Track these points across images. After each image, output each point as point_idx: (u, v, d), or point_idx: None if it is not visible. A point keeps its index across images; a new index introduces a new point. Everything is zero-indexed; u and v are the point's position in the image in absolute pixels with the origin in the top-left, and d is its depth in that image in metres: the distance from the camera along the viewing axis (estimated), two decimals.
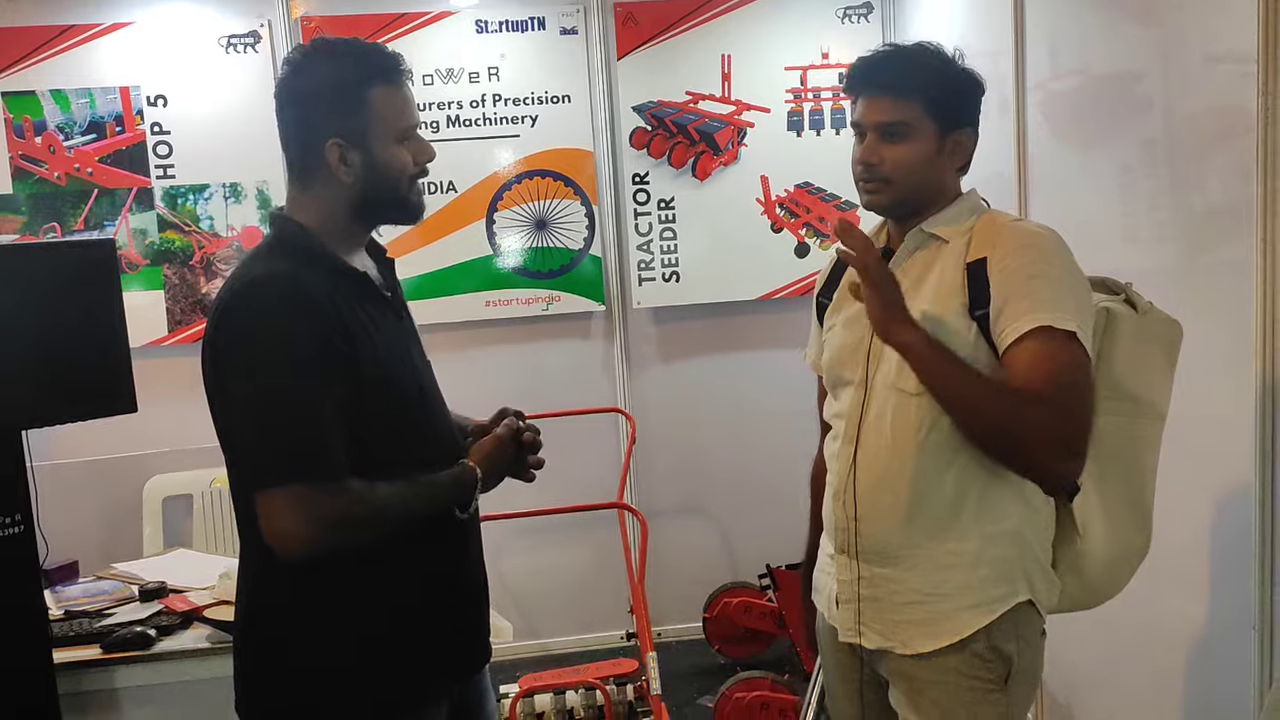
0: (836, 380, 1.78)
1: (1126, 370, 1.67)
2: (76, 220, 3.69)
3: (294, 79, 1.58)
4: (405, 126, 1.60)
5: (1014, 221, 1.67)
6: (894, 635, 1.69)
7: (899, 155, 1.64)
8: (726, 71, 3.91)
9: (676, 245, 3.95)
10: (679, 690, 3.63)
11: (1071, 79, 2.84)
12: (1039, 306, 1.53)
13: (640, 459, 4.01)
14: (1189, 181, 2.35)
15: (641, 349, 4.04)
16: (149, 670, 2.24)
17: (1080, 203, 2.75)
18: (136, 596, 2.51)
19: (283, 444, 1.46)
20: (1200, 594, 2.34)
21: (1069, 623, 2.46)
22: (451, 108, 3.82)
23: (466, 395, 3.74)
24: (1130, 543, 1.74)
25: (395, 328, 1.65)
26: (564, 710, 3.15)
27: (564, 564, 4.05)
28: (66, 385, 1.97)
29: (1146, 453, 1.72)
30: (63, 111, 3.65)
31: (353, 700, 1.58)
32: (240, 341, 1.49)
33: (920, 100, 1.63)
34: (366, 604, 1.58)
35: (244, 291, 1.50)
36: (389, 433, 1.57)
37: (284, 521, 1.45)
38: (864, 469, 1.69)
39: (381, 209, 1.63)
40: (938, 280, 1.65)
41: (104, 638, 2.26)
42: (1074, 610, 1.82)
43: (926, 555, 1.66)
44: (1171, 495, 2.30)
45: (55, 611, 2.45)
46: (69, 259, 2.03)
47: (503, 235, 3.89)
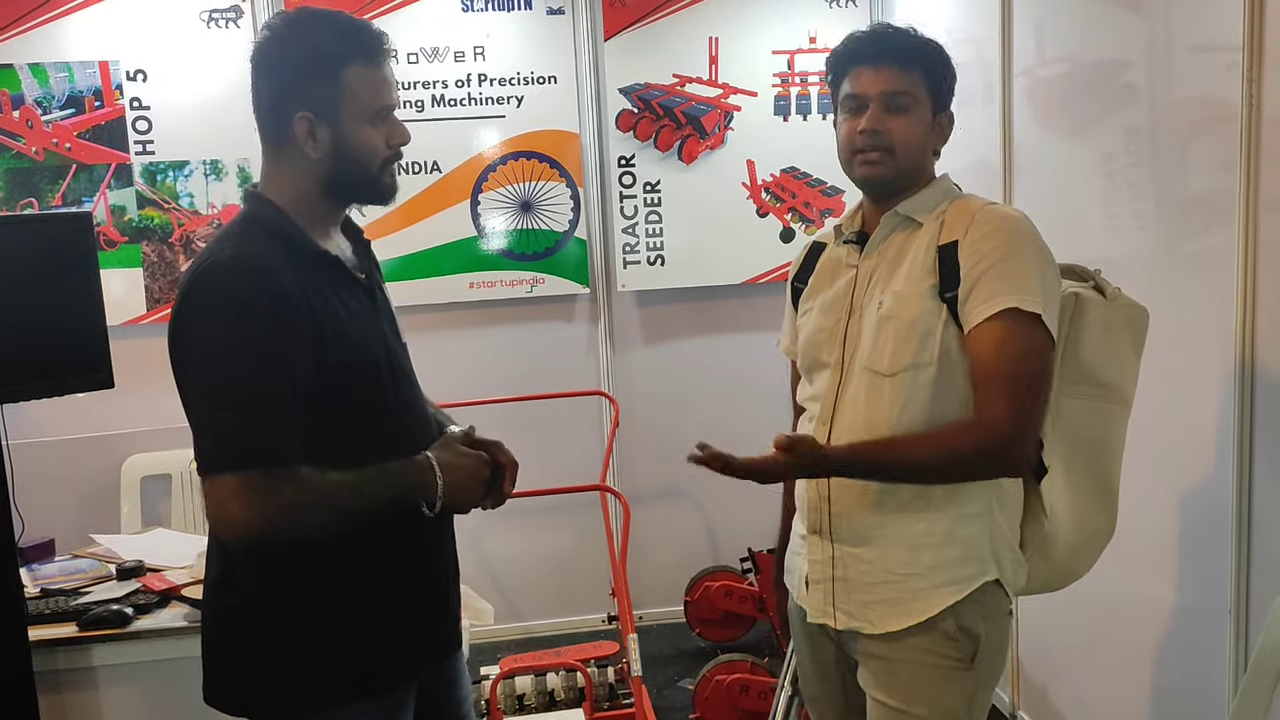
0: (813, 363, 1.78)
1: (1094, 355, 1.69)
2: (54, 196, 3.64)
3: (270, 46, 1.55)
4: (380, 107, 1.57)
5: (985, 205, 1.68)
6: (863, 615, 1.70)
7: (903, 126, 1.65)
8: (714, 54, 3.90)
9: (662, 229, 3.94)
10: (660, 673, 3.65)
11: (1057, 66, 2.84)
12: (1006, 289, 1.56)
13: (623, 442, 4.00)
14: (1172, 170, 2.36)
15: (626, 332, 4.03)
16: (126, 648, 2.22)
17: (1064, 190, 2.76)
18: (113, 575, 2.49)
19: (230, 430, 1.44)
20: (1175, 578, 2.35)
21: (1045, 604, 2.48)
22: (436, 87, 3.79)
23: (450, 377, 3.79)
24: (1096, 526, 1.76)
25: (367, 310, 1.62)
26: (545, 692, 3.15)
27: (546, 547, 4.05)
28: (43, 360, 1.95)
29: (1113, 437, 1.74)
30: (41, 85, 3.61)
31: (315, 675, 1.57)
32: (197, 325, 1.47)
33: (922, 74, 1.65)
34: (333, 582, 1.56)
35: (206, 273, 1.48)
36: (356, 417, 1.55)
37: (227, 507, 1.43)
38: None
39: (351, 189, 1.60)
40: (910, 262, 1.66)
41: (80, 616, 2.24)
42: (1041, 592, 1.84)
43: (897, 535, 1.67)
44: (1149, 481, 2.33)
45: (31, 589, 2.43)
46: (45, 233, 2.00)
47: (487, 217, 3.87)
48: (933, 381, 1.62)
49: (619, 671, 3.25)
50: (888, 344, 1.64)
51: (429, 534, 1.65)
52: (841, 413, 1.69)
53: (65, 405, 2.68)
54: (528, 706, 3.13)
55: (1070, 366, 1.68)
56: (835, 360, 1.72)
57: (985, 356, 1.57)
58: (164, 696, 2.26)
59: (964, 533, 1.66)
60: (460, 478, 1.62)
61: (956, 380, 1.62)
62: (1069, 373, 1.68)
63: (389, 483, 1.56)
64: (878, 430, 1.64)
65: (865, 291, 1.71)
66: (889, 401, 1.64)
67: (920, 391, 1.63)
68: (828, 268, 1.82)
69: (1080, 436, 1.70)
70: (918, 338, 1.62)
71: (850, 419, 1.68)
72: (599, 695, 3.11)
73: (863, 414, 1.66)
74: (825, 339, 1.75)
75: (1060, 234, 2.41)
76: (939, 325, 1.61)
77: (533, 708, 3.12)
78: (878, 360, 1.64)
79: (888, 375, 1.63)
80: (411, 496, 1.59)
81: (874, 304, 1.68)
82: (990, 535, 1.67)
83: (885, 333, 1.64)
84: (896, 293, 1.64)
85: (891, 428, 1.63)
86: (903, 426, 1.63)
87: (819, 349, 1.76)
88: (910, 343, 1.62)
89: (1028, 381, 1.56)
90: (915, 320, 1.62)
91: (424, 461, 1.59)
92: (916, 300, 1.62)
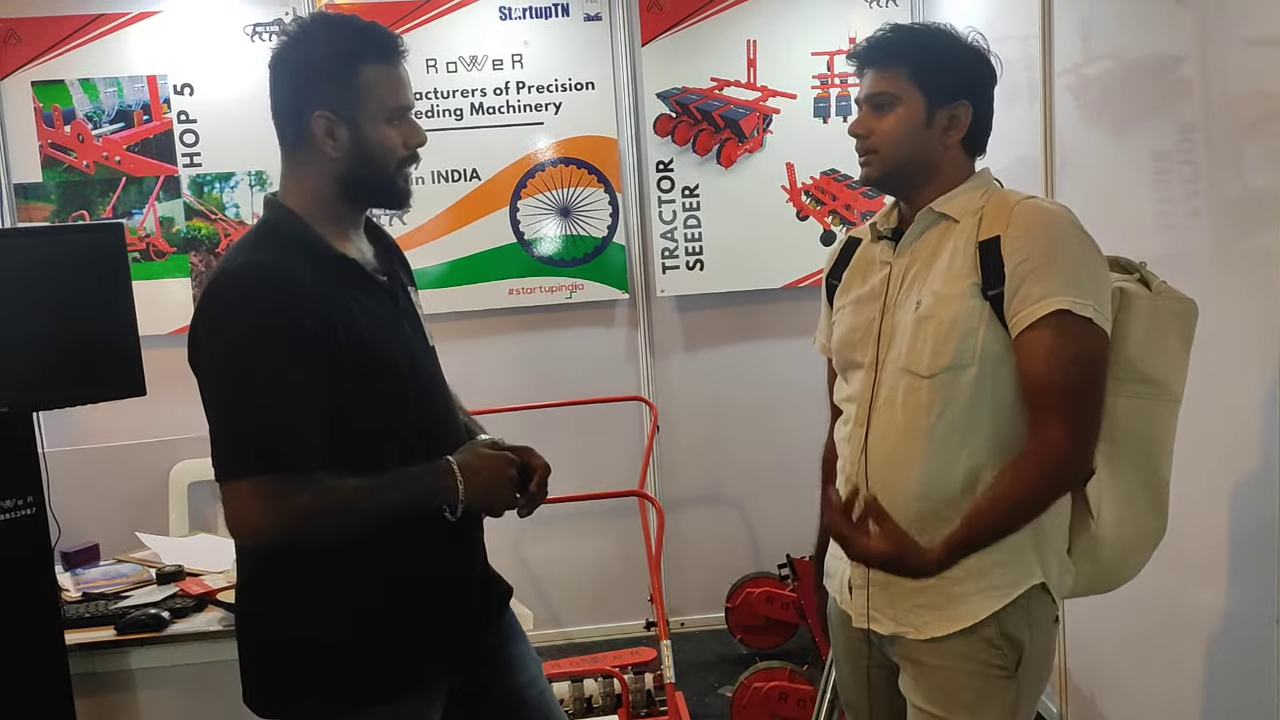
0: (847, 363, 1.75)
1: (1141, 351, 1.63)
2: (105, 208, 3.73)
3: (287, 49, 1.57)
4: (397, 107, 1.58)
5: (1026, 199, 1.63)
6: (906, 620, 1.67)
7: (885, 125, 1.64)
8: (752, 57, 3.87)
9: (701, 233, 3.92)
10: (699, 680, 3.62)
11: (1104, 62, 2.77)
12: (1055, 289, 1.52)
13: (664, 448, 4.00)
14: (1225, 167, 2.28)
15: (665, 337, 4.02)
16: (162, 652, 2.25)
17: (1111, 187, 2.68)
18: (154, 579, 2.53)
19: (246, 435, 1.46)
20: (1225, 584, 2.28)
21: (1094, 611, 2.42)
22: (475, 95, 3.81)
23: (491, 384, 3.81)
24: (1145, 526, 1.70)
25: (389, 314, 1.62)
26: (582, 698, 3.14)
27: (586, 552, 4.05)
28: (76, 368, 1.99)
29: (1162, 435, 1.68)
30: (91, 100, 3.70)
31: (339, 678, 1.58)
32: (214, 331, 1.49)
33: (906, 71, 1.63)
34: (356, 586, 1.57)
35: (223, 280, 1.50)
36: (377, 421, 1.56)
37: (244, 512, 1.45)
38: (875, 452, 1.66)
39: (369, 189, 1.61)
40: (949, 260, 1.62)
41: (119, 619, 2.28)
42: (1089, 594, 1.78)
43: (939, 539, 1.62)
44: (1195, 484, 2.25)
45: (73, 593, 2.48)
46: (79, 243, 2.04)
47: (526, 223, 3.88)
48: (973, 383, 1.58)
49: (657, 678, 3.23)
50: (927, 344, 1.60)
51: (453, 538, 1.65)
52: (878, 415, 1.66)
53: (115, 412, 2.73)
54: (565, 712, 3.12)
55: (1117, 363, 1.62)
56: (870, 360, 1.69)
57: (1037, 369, 1.53)
58: (200, 699, 2.29)
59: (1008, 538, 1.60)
60: (483, 480, 1.61)
61: (998, 381, 1.58)
62: (1116, 369, 1.62)
63: (408, 487, 1.56)
64: (915, 433, 1.61)
65: (900, 290, 1.67)
66: (927, 404, 1.60)
67: (960, 393, 1.58)
68: (861, 265, 1.79)
69: (1128, 435, 1.64)
70: (958, 338, 1.58)
71: (887, 421, 1.65)
72: (636, 702, 3.10)
73: (900, 417, 1.63)
74: (859, 338, 1.72)
75: (1106, 230, 2.34)
76: (980, 325, 1.57)
77: (570, 714, 3.11)
78: (916, 361, 1.60)
79: (926, 376, 1.59)
80: (432, 501, 1.58)
81: (911, 303, 1.64)
82: (1035, 539, 1.62)
83: (924, 332, 1.60)
84: (935, 291, 1.60)
85: (930, 430, 1.60)
86: (942, 429, 1.60)
87: (853, 348, 1.73)
88: (950, 343, 1.58)
89: (1083, 393, 1.53)
90: (955, 320, 1.58)
91: (445, 466, 1.58)
92: (957, 299, 1.58)
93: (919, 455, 1.61)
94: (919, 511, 1.63)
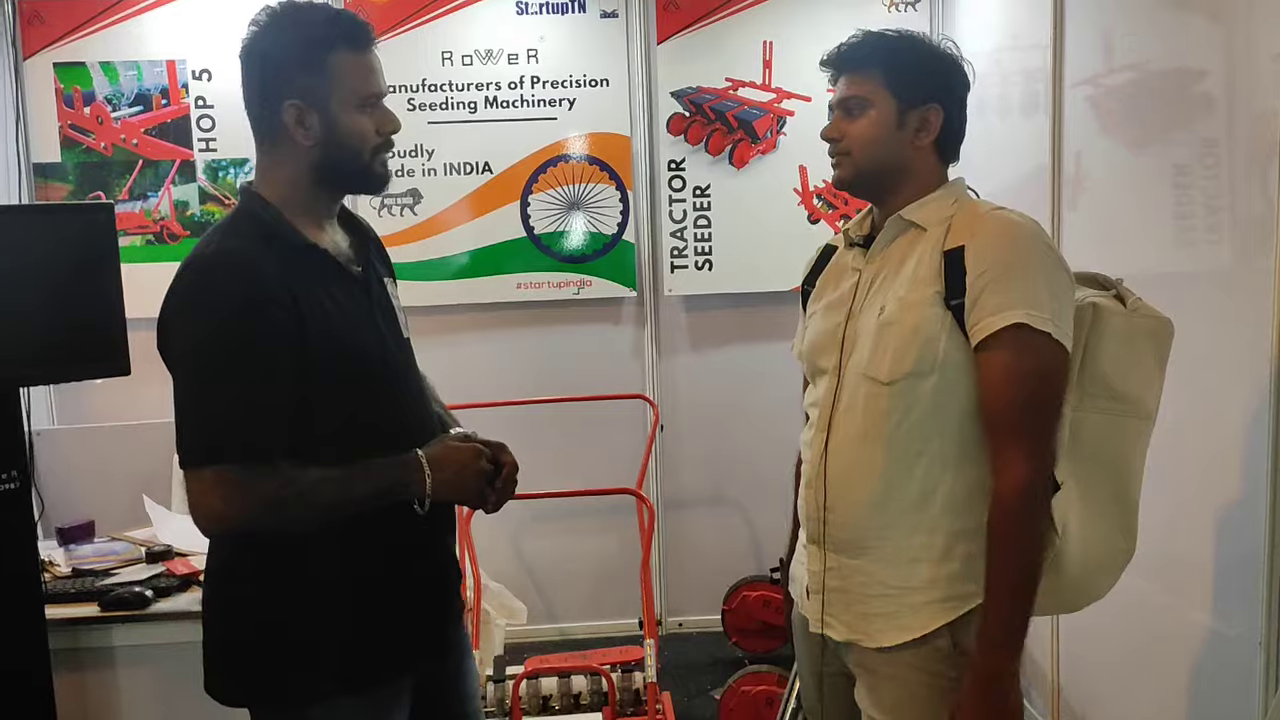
0: (814, 368, 1.75)
1: (1113, 367, 1.62)
2: (121, 190, 3.77)
3: (257, 39, 1.57)
4: (368, 93, 1.58)
5: (993, 210, 1.63)
6: (860, 627, 1.66)
7: (856, 129, 1.65)
8: (768, 59, 3.86)
9: (710, 233, 3.91)
10: (693, 681, 3.61)
11: (1121, 74, 2.72)
12: (1014, 301, 1.52)
13: (668, 447, 3.99)
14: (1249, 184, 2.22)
15: (672, 336, 4.01)
16: (144, 630, 2.28)
17: (1125, 201, 2.62)
18: (143, 558, 2.56)
19: (209, 425, 1.47)
20: (1211, 606, 2.24)
21: (1087, 629, 2.38)
22: (489, 89, 3.82)
23: (495, 377, 3.83)
24: (1114, 546, 1.68)
25: (360, 305, 1.62)
26: (569, 694, 3.14)
27: (586, 549, 4.05)
28: (63, 346, 2.01)
29: (1132, 453, 1.67)
30: (111, 83, 3.74)
31: (306, 669, 1.58)
32: (181, 319, 1.50)
33: (877, 74, 1.64)
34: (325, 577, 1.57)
35: (192, 269, 1.51)
36: (345, 412, 1.56)
37: (206, 500, 1.46)
38: (835, 458, 1.66)
39: (343, 176, 1.61)
40: (914, 267, 1.62)
41: (103, 596, 2.31)
42: (1058, 612, 1.77)
43: (894, 548, 1.63)
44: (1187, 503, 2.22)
45: (64, 569, 2.52)
46: (68, 223, 2.07)
47: (537, 218, 3.88)
48: (933, 391, 1.58)
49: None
50: (888, 351, 1.59)
51: (422, 532, 1.65)
52: (838, 421, 1.66)
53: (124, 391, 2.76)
54: (552, 708, 3.12)
55: (1087, 378, 1.61)
56: (833, 365, 1.69)
57: (994, 385, 1.54)
58: (180, 678, 2.27)
59: (963, 548, 1.60)
60: (451, 473, 1.61)
61: (959, 390, 1.58)
62: (1086, 385, 1.61)
63: (373, 479, 1.56)
64: (874, 440, 1.61)
65: (867, 296, 1.67)
66: (886, 411, 1.60)
67: (920, 401, 1.58)
68: (834, 271, 1.79)
69: (1097, 452, 1.63)
70: (919, 345, 1.57)
71: (847, 428, 1.65)
72: (623, 700, 3.09)
73: (860, 423, 1.63)
74: (825, 343, 1.72)
75: (1117, 245, 2.28)
76: (942, 334, 1.57)
77: (557, 710, 3.11)
78: (877, 367, 1.60)
79: (886, 383, 1.59)
80: (399, 493, 1.58)
81: (875, 309, 1.64)
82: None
83: (886, 339, 1.60)
84: (899, 298, 1.60)
85: (888, 437, 1.60)
86: (900, 437, 1.59)
87: (819, 353, 1.73)
88: (911, 350, 1.58)
89: (1039, 409, 1.54)
90: (917, 327, 1.57)
91: (412, 458, 1.58)
92: (920, 307, 1.58)
93: (877, 461, 1.61)
94: (877, 520, 1.63)
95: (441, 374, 1.90)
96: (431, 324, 3.88)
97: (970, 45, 3.65)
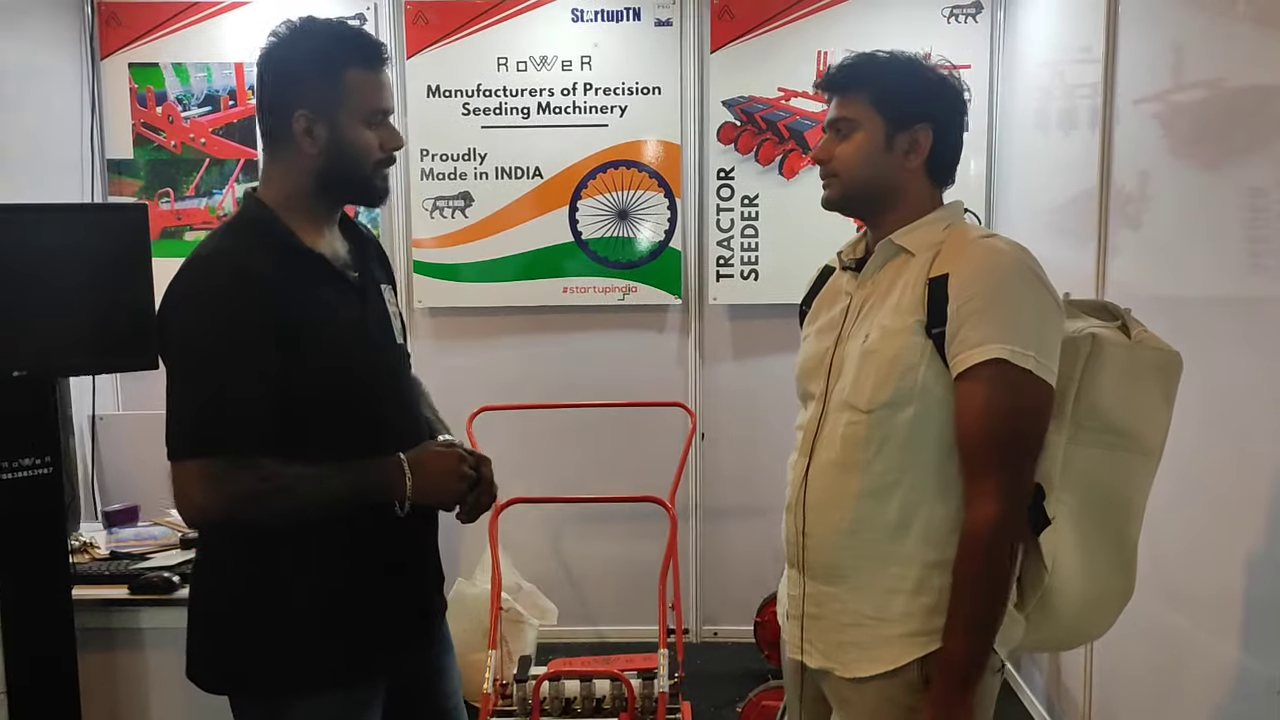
0: (803, 392, 1.75)
1: (1112, 400, 1.58)
2: (188, 187, 3.91)
3: (275, 49, 1.64)
4: (375, 109, 1.63)
5: (982, 238, 1.60)
6: (835, 656, 1.65)
7: (845, 150, 1.64)
8: (821, 69, 3.81)
9: (758, 243, 3.90)
10: (721, 691, 3.61)
11: (1186, 91, 2.61)
12: (994, 335, 1.49)
13: (708, 456, 4.00)
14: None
15: (715, 345, 4.01)
16: (170, 614, 2.37)
17: (1185, 224, 2.50)
18: (178, 543, 2.66)
19: (194, 418, 1.53)
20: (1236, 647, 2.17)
21: (1120, 669, 2.31)
22: (542, 95, 3.87)
23: (539, 381, 3.87)
24: (1110, 585, 1.65)
25: (354, 310, 1.67)
26: (592, 697, 3.17)
27: (622, 553, 4.06)
28: (94, 340, 2.11)
29: (1132, 489, 1.63)
30: (182, 84, 3.89)
31: (284, 662, 1.63)
32: (174, 316, 1.56)
33: (866, 95, 1.63)
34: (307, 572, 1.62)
35: (189, 268, 1.58)
36: (331, 414, 1.60)
37: (187, 492, 1.52)
38: (814, 483, 1.66)
39: (343, 187, 1.66)
40: (899, 295, 1.60)
41: (134, 579, 2.41)
42: (1051, 650, 1.74)
43: (870, 577, 1.61)
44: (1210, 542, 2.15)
45: (102, 551, 2.63)
46: (105, 221, 2.17)
47: (584, 223, 3.92)
48: (911, 421, 1.56)
49: (673, 686, 3.24)
50: (869, 379, 1.58)
51: (402, 533, 1.68)
52: (820, 447, 1.65)
53: None
54: (575, 710, 3.15)
55: (1085, 411, 1.58)
56: (820, 391, 1.68)
57: (970, 420, 1.51)
58: None
59: (939, 581, 1.57)
60: (432, 476, 1.65)
61: (936, 421, 1.55)
62: (1084, 418, 1.58)
63: (354, 479, 1.60)
64: (852, 467, 1.60)
65: (856, 322, 1.65)
66: (864, 439, 1.58)
67: (898, 431, 1.56)
68: (829, 294, 1.79)
69: (1093, 488, 1.59)
70: (898, 375, 1.55)
71: (827, 454, 1.64)
72: (643, 707, 3.11)
73: (838, 450, 1.61)
74: (814, 367, 1.71)
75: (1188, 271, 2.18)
76: (921, 364, 1.54)
77: (579, 713, 3.14)
78: (858, 395, 1.59)
79: (865, 411, 1.58)
80: (379, 494, 1.62)
81: (860, 335, 1.63)
82: None
83: (867, 367, 1.59)
84: (883, 326, 1.59)
85: (866, 465, 1.58)
86: (877, 466, 1.58)
87: (808, 378, 1.73)
88: (891, 380, 1.56)
89: (1015, 451, 1.51)
90: (897, 356, 1.56)
91: (394, 462, 1.62)
92: (901, 335, 1.56)
93: (854, 489, 1.60)
94: (852, 548, 1.61)
95: (485, 376, 1.95)
96: (478, 326, 3.96)
97: (1030, 56, 3.58)
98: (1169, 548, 2.41)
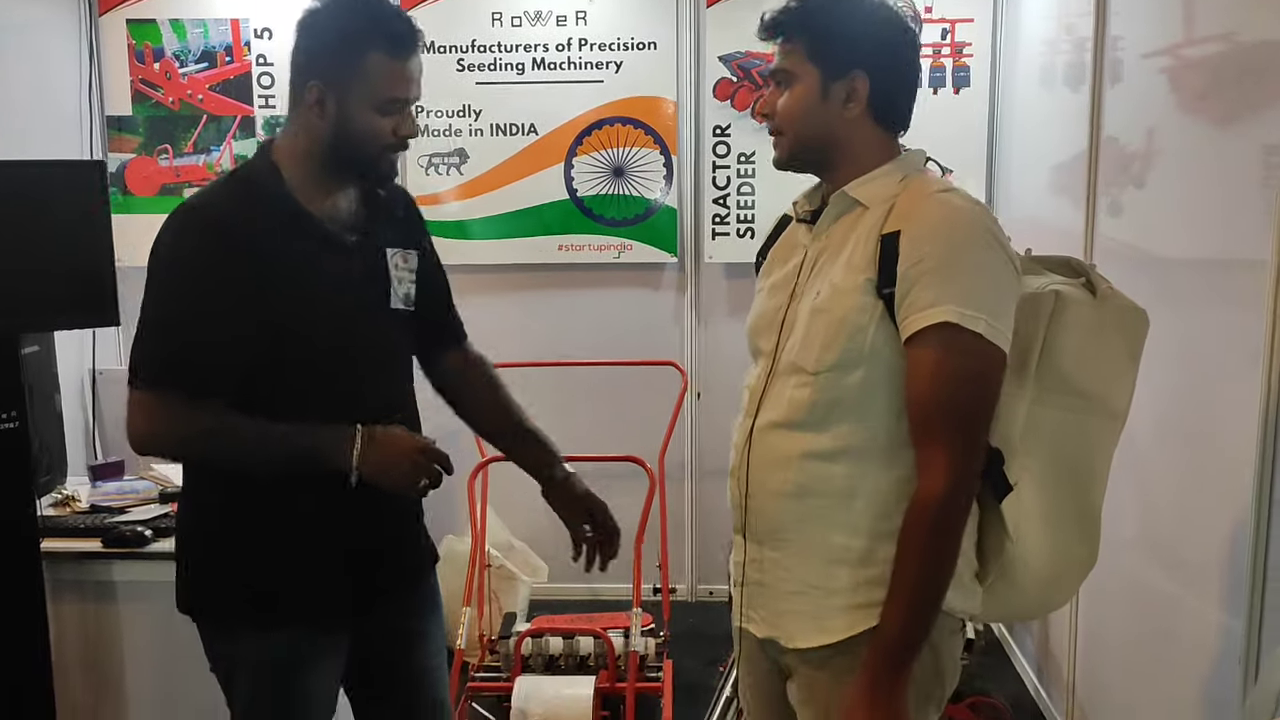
0: (753, 349, 1.69)
1: (1075, 361, 1.52)
2: (186, 143, 3.93)
3: (312, 16, 1.65)
4: (390, 97, 1.62)
5: (937, 192, 1.51)
6: (778, 625, 1.61)
7: (784, 103, 1.56)
8: None
9: (754, 200, 3.84)
10: (711, 650, 3.61)
11: (1170, 50, 2.50)
12: (945, 297, 1.42)
13: (703, 415, 3.98)
14: None
15: (712, 304, 3.98)
16: (143, 567, 2.41)
17: (1179, 184, 2.40)
18: (158, 498, 2.70)
19: (152, 352, 1.59)
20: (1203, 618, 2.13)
21: (1106, 638, 2.27)
22: (537, 50, 3.83)
23: (535, 338, 3.86)
24: (1072, 554, 1.60)
25: (343, 273, 1.68)
26: (575, 654, 3.19)
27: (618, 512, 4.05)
28: (57, 296, 2.13)
29: (1095, 454, 1.57)
30: (179, 40, 3.89)
31: (231, 596, 1.71)
32: (154, 258, 1.62)
33: (801, 44, 1.54)
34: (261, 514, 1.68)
35: (177, 213, 1.63)
36: (300, 372, 1.64)
37: (132, 419, 1.59)
38: (757, 445, 1.60)
39: (347, 165, 1.67)
40: (851, 251, 1.52)
41: (108, 533, 2.44)
42: (1014, 620, 1.70)
43: (815, 544, 1.56)
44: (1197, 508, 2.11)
45: (84, 504, 2.67)
46: (60, 178, 2.17)
47: (580, 180, 3.89)
48: (860, 384, 1.49)
49: (658, 645, 3.26)
50: (816, 339, 1.51)
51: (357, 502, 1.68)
52: (765, 409, 1.60)
53: None
54: (558, 666, 3.18)
55: (1047, 372, 1.51)
56: (770, 349, 1.62)
57: (919, 386, 1.45)
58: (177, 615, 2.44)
59: (885, 552, 1.49)
60: (383, 454, 1.64)
61: (886, 385, 1.49)
62: (1046, 379, 1.52)
63: (301, 438, 1.62)
64: (797, 431, 1.54)
65: (810, 277, 1.58)
66: (810, 402, 1.52)
67: (847, 394, 1.50)
68: (785, 246, 1.70)
69: (1055, 452, 1.53)
70: (846, 336, 1.49)
71: (772, 415, 1.58)
72: (622, 665, 3.12)
73: (784, 411, 1.55)
74: (765, 325, 1.65)
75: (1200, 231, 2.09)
76: (870, 324, 1.48)
77: (562, 670, 3.17)
78: (805, 356, 1.52)
79: (812, 373, 1.52)
80: (326, 458, 1.63)
81: (813, 293, 1.56)
82: None
83: (816, 327, 1.52)
84: (834, 284, 1.51)
85: (812, 429, 1.53)
86: (826, 430, 1.52)
87: (758, 334, 1.67)
88: (838, 341, 1.49)
89: (965, 417, 1.44)
90: (844, 317, 1.49)
91: (345, 430, 1.63)
92: (851, 294, 1.49)
93: (797, 453, 1.54)
94: (796, 511, 1.56)
95: (479, 332, 1.95)
96: (472, 282, 3.91)
97: (1032, 9, 3.48)
98: (1157, 514, 2.37)
